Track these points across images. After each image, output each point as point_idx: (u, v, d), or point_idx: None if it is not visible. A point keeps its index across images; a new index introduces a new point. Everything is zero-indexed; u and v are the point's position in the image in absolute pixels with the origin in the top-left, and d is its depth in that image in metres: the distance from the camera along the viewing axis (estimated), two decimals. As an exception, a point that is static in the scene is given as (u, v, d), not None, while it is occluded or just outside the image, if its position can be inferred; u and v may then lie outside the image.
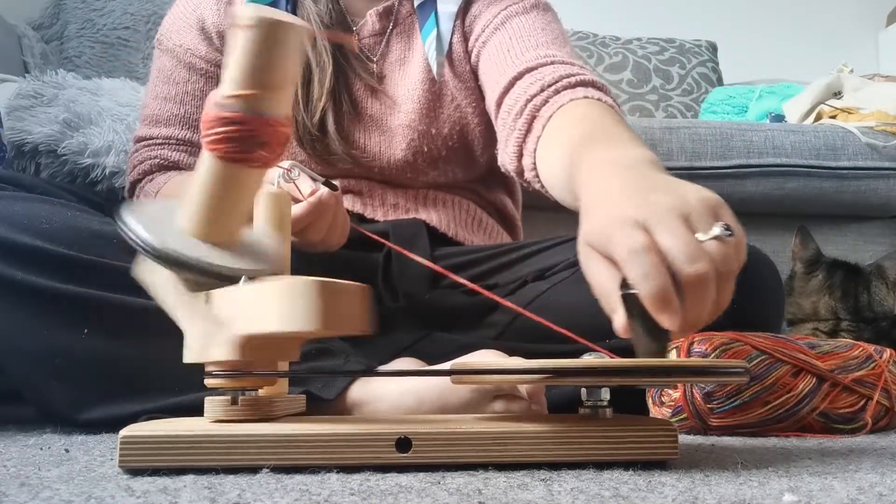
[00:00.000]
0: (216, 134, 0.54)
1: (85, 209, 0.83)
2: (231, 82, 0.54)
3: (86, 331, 0.75)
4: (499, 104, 0.92)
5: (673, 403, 0.78)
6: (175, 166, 1.05)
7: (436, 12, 1.04)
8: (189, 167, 1.05)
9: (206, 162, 0.56)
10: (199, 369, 0.57)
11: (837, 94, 1.89)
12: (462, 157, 1.08)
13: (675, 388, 0.78)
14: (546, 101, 0.84)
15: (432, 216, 1.05)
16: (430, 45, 1.03)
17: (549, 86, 0.85)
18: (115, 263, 0.76)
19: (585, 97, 0.82)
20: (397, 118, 1.04)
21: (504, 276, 0.98)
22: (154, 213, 0.59)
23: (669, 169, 1.58)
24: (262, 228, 0.64)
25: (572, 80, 0.85)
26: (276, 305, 0.51)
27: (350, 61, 1.06)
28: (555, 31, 0.99)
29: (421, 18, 1.06)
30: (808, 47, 2.84)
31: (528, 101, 0.85)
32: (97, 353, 0.76)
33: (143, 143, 1.07)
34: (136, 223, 0.55)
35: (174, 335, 0.56)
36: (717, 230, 0.48)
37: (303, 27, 0.54)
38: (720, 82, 2.44)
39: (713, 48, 2.53)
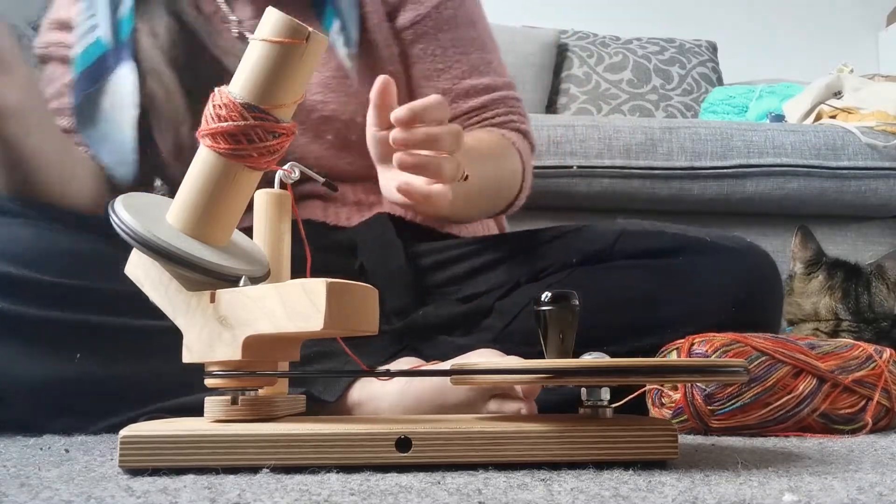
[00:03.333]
0: (222, 130, 0.54)
1: (62, 228, 0.81)
2: (253, 87, 0.54)
3: (78, 355, 0.74)
4: None
5: (673, 405, 0.78)
6: None
7: (332, 2, 0.94)
8: None
9: (205, 158, 0.56)
10: (196, 380, 0.57)
11: (837, 94, 1.90)
12: None
13: (676, 389, 0.78)
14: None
15: (396, 206, 0.93)
16: (336, 38, 0.93)
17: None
18: (100, 286, 0.75)
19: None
20: (313, 112, 0.95)
21: (495, 276, 0.93)
22: (147, 205, 0.59)
23: (669, 169, 1.61)
24: (262, 228, 0.64)
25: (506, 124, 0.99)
26: (287, 305, 0.51)
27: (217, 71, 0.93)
28: (481, 40, 1.00)
29: (317, 4, 0.94)
30: (808, 47, 2.85)
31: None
32: (92, 377, 0.75)
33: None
34: (125, 211, 0.55)
35: (166, 350, 0.56)
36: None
37: (325, 39, 0.55)
38: (720, 82, 2.44)
39: (713, 48, 2.53)
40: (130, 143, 0.91)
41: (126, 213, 0.55)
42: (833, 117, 1.79)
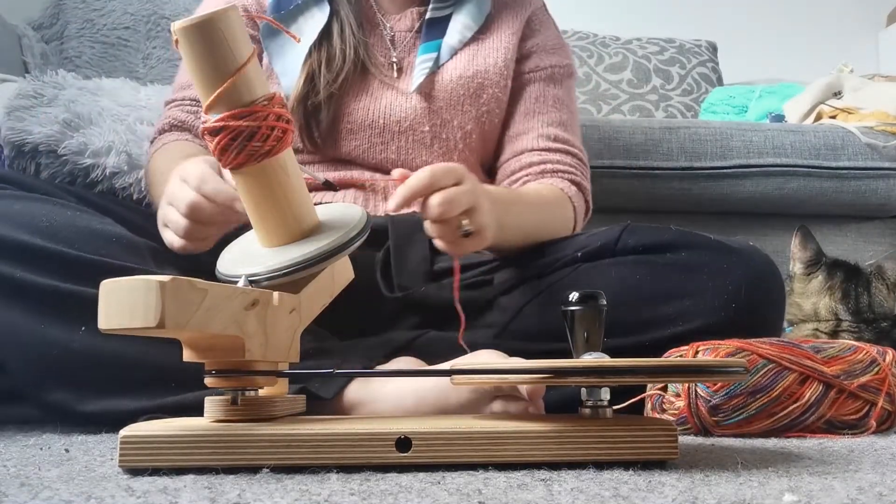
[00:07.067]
0: (216, 149, 0.56)
1: (84, 209, 0.84)
2: (200, 97, 0.56)
3: (83, 328, 0.76)
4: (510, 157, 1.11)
5: (676, 412, 0.77)
6: (182, 126, 1.07)
7: (440, 42, 1.09)
8: (193, 128, 1.07)
9: (235, 179, 0.59)
10: (196, 366, 0.57)
11: (837, 94, 1.89)
12: (479, 150, 1.09)
13: (678, 396, 0.77)
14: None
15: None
16: (421, 62, 1.07)
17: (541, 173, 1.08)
18: (115, 262, 0.77)
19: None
20: (418, 107, 1.06)
21: (500, 272, 0.96)
22: (236, 255, 0.63)
23: (669, 169, 1.62)
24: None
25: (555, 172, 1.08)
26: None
27: (372, 53, 1.08)
28: (573, 109, 1.19)
29: (426, 34, 1.09)
30: (808, 47, 2.84)
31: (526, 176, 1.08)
32: (94, 350, 0.76)
33: (166, 105, 1.11)
34: (227, 275, 0.60)
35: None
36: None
37: (223, 14, 0.54)
38: (720, 82, 2.44)
39: (713, 48, 2.53)
40: (300, 58, 1.04)
41: (228, 275, 0.59)
42: (833, 117, 1.79)
